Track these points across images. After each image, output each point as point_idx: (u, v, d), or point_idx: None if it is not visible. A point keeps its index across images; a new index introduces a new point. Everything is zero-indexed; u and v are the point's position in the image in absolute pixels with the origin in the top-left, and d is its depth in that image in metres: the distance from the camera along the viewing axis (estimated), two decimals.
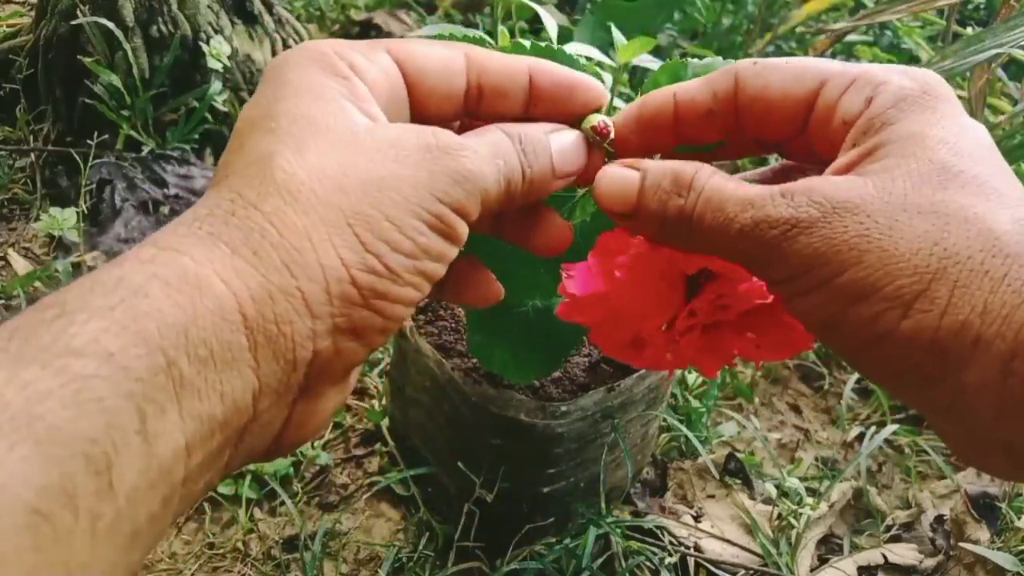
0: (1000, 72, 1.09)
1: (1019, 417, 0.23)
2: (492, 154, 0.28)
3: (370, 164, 0.25)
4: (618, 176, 0.30)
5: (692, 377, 0.89)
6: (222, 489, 0.74)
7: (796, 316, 0.27)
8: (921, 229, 0.24)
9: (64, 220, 0.92)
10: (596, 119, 0.32)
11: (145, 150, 1.07)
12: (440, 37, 0.42)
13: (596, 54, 0.69)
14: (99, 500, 0.19)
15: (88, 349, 0.20)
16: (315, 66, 0.27)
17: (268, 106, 0.26)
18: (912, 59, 1.35)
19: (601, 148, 0.32)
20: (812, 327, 0.27)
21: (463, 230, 0.28)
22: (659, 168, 0.29)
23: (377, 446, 0.81)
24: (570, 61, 0.39)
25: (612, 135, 0.32)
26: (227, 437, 0.23)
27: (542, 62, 0.31)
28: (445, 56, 0.30)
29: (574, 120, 0.32)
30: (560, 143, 0.31)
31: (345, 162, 0.25)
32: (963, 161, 0.25)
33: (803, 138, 0.30)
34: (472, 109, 0.31)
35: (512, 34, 0.60)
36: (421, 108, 0.30)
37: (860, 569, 0.74)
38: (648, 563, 0.70)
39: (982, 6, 1.53)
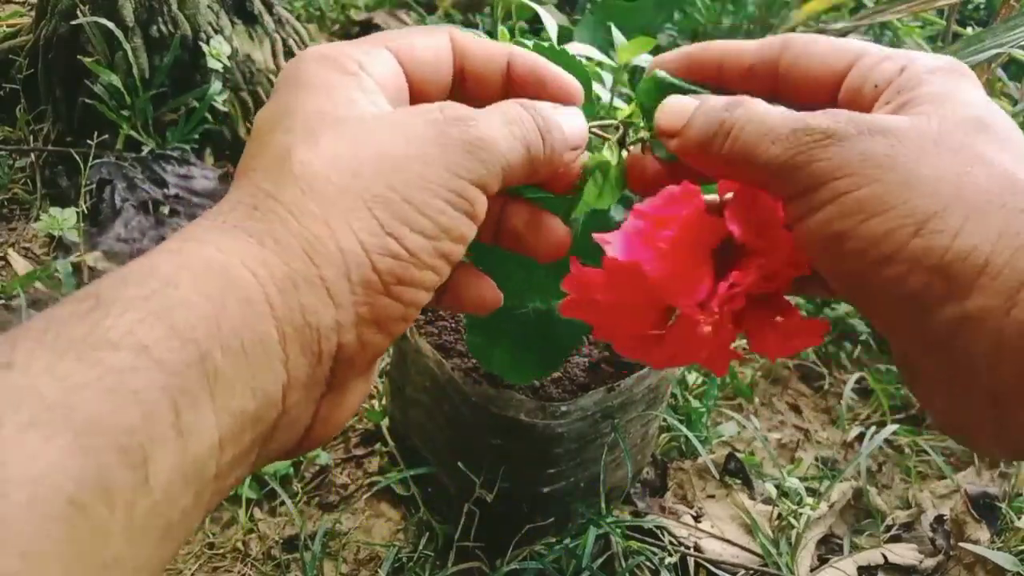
0: (1000, 72, 1.09)
1: (1017, 353, 0.23)
2: (504, 121, 0.28)
3: (381, 146, 0.26)
4: (679, 99, 0.32)
5: (692, 377, 0.89)
6: None
7: (803, 237, 0.27)
8: (947, 160, 0.25)
9: (64, 220, 0.92)
10: None
11: (145, 150, 1.07)
12: None
13: (596, 54, 0.69)
14: (135, 494, 0.19)
15: (124, 342, 0.20)
16: (326, 66, 0.28)
17: (284, 107, 0.27)
18: None
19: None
20: (818, 247, 0.27)
21: (483, 206, 0.28)
22: (716, 96, 0.31)
23: (377, 446, 0.81)
24: (570, 60, 0.39)
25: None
26: (259, 433, 0.23)
27: (522, 51, 0.32)
28: (436, 46, 0.31)
29: None
30: (565, 114, 0.31)
31: (357, 147, 0.25)
32: (994, 120, 0.27)
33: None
34: (456, 93, 0.32)
35: (512, 34, 0.61)
36: (416, 97, 0.31)
37: (860, 569, 0.74)
38: (648, 563, 0.70)
39: (982, 6, 1.53)
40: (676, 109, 0.31)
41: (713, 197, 0.32)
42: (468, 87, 0.32)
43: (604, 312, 0.32)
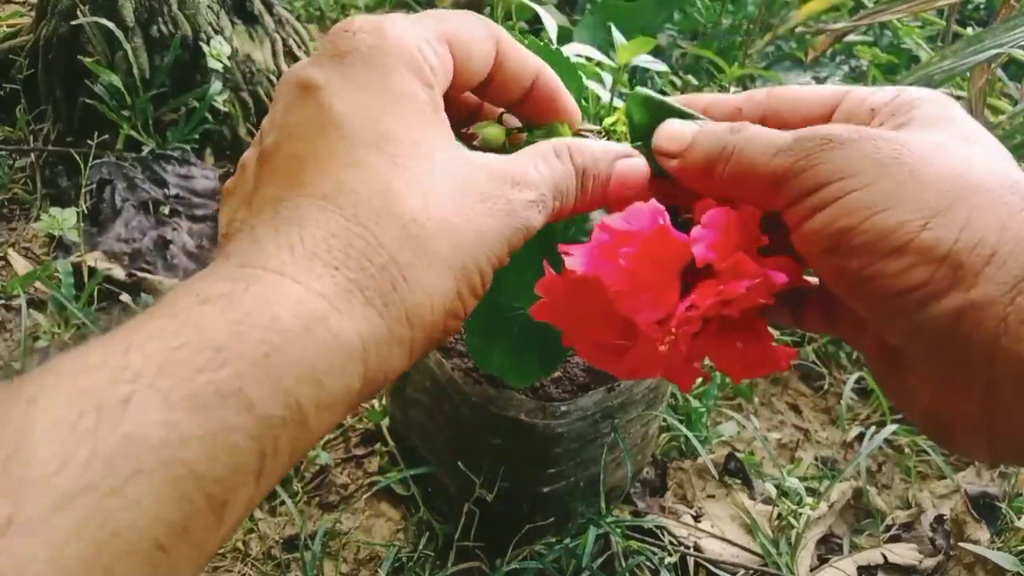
0: (1000, 72, 1.09)
1: (1019, 340, 0.24)
2: (553, 196, 0.30)
3: (475, 219, 0.27)
4: (678, 124, 0.33)
5: None
6: None
7: (805, 239, 0.28)
8: (947, 162, 0.26)
9: (64, 220, 0.92)
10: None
11: (145, 150, 1.07)
12: None
13: (596, 54, 0.69)
14: (208, 532, 0.21)
15: (234, 397, 0.21)
16: (411, 72, 0.28)
17: (376, 117, 0.27)
18: (912, 59, 1.35)
19: None
20: (821, 247, 0.28)
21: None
22: (717, 122, 0.32)
23: (377, 446, 0.81)
24: (564, 62, 0.39)
25: None
26: None
27: (549, 72, 0.34)
28: (485, 51, 0.32)
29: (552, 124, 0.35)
30: (623, 170, 0.33)
31: (459, 215, 0.27)
32: (983, 136, 0.29)
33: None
34: (481, 89, 0.33)
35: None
36: (453, 86, 0.31)
37: (860, 569, 0.74)
38: (648, 563, 0.70)
39: (982, 6, 1.53)
40: (676, 132, 0.32)
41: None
42: (493, 87, 0.33)
43: (572, 318, 0.33)
